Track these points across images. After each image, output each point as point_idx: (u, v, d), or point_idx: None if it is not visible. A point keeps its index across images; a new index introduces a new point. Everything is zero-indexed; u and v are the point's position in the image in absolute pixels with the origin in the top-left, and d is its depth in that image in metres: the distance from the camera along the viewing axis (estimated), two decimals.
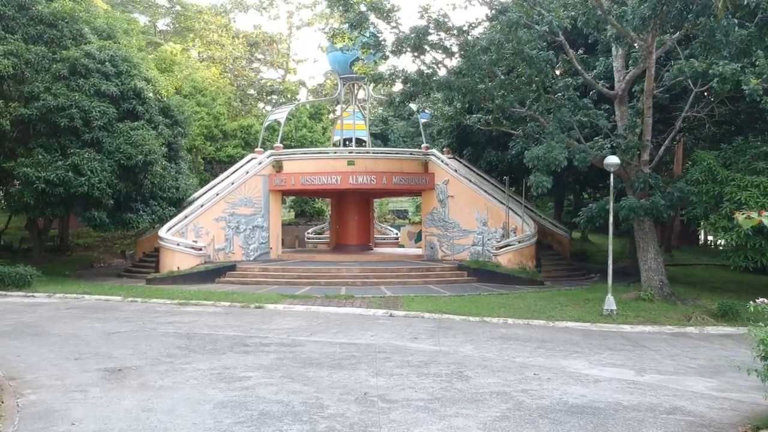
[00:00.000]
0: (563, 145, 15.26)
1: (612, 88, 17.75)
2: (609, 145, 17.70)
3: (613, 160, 15.51)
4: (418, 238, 36.87)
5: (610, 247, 16.06)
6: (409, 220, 40.30)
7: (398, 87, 19.94)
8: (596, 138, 18.07)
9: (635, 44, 15.92)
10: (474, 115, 20.42)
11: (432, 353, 11.16)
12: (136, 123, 21.72)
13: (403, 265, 22.11)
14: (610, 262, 16.02)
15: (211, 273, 21.23)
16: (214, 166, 36.16)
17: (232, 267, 21.71)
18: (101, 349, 11.00)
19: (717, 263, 30.75)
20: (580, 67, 16.93)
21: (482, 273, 21.16)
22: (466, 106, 19.03)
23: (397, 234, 34.84)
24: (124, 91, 21.78)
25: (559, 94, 17.08)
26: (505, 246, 22.09)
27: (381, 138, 46.04)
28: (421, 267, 21.65)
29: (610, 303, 15.68)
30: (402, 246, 34.95)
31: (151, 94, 22.64)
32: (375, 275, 20.75)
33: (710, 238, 44.78)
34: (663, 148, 16.83)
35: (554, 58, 16.25)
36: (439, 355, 10.99)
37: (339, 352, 11.07)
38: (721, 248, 39.69)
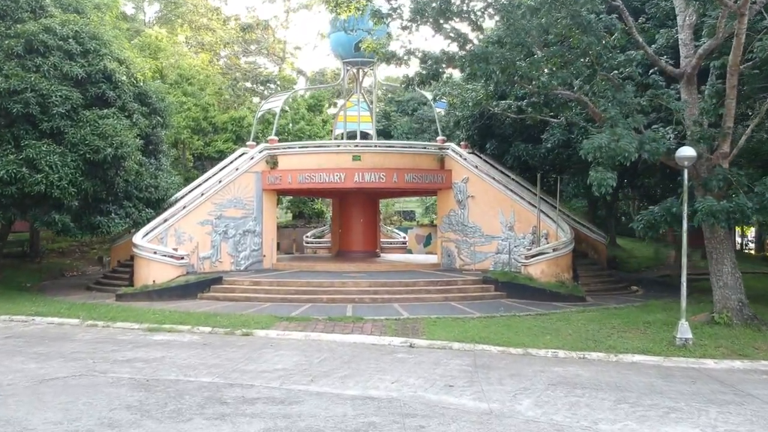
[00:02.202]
0: (631, 132, 12.10)
1: (676, 65, 14.60)
2: (672, 135, 14.59)
3: (687, 152, 12.37)
4: (426, 242, 33.77)
5: (684, 260, 12.90)
6: (417, 222, 37.12)
7: (409, 74, 16.67)
8: (655, 126, 14.92)
9: (716, 7, 12.76)
10: (504, 102, 17.28)
11: (481, 416, 7.99)
12: (105, 111, 18.51)
13: (418, 278, 18.92)
14: (683, 279, 12.87)
15: (193, 287, 18.04)
16: (204, 163, 32.93)
17: (217, 279, 18.51)
18: (18, 413, 7.81)
19: (762, 271, 27.70)
20: (641, 39, 13.77)
21: (512, 287, 17.99)
22: (499, 88, 15.81)
23: (404, 238, 31.64)
24: (91, 73, 18.57)
25: (615, 71, 13.91)
26: (538, 254, 18.93)
27: (383, 135, 42.92)
28: (440, 280, 18.48)
29: (684, 330, 12.56)
30: (409, 251, 31.79)
31: (124, 78, 19.43)
32: (386, 290, 17.59)
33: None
34: (744, 138, 13.67)
35: (617, 23, 13.11)
36: (491, 420, 7.82)
37: (351, 415, 7.90)
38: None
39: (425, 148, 22.93)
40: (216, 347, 12.05)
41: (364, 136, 28.86)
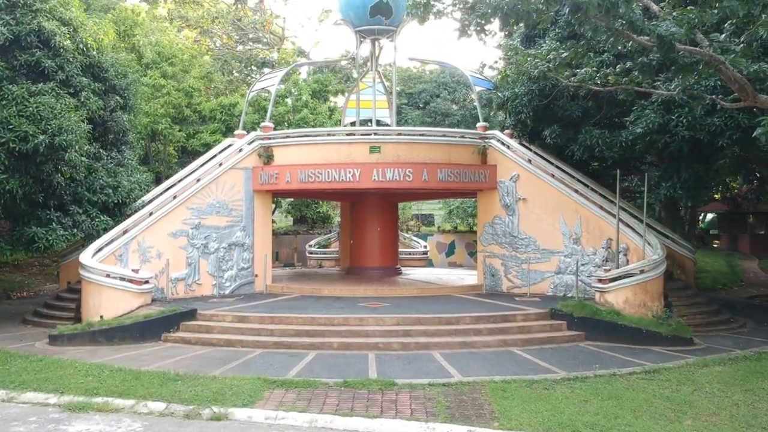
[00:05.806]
0: None
1: None
2: None
3: None
4: (449, 251, 29.01)
5: None
6: (438, 227, 32.26)
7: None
8: None
9: None
10: (583, 70, 12.48)
11: None
12: (40, 86, 13.80)
13: (460, 309, 14.11)
14: None
15: (156, 325, 13.19)
16: (190, 158, 28.04)
17: (190, 313, 13.65)
18: None
19: None
20: None
21: (592, 324, 13.11)
22: (596, 40, 10.97)
23: (426, 247, 26.81)
24: (19, 35, 13.85)
25: None
26: (622, 277, 14.09)
27: None
28: (492, 314, 13.60)
29: None
30: (430, 262, 26.97)
31: (68, 42, 14.66)
32: (421, 330, 12.76)
33: None
34: None
35: None
36: None
37: None
38: None
39: (462, 137, 17.98)
40: None
41: (379, 125, 24.06)
